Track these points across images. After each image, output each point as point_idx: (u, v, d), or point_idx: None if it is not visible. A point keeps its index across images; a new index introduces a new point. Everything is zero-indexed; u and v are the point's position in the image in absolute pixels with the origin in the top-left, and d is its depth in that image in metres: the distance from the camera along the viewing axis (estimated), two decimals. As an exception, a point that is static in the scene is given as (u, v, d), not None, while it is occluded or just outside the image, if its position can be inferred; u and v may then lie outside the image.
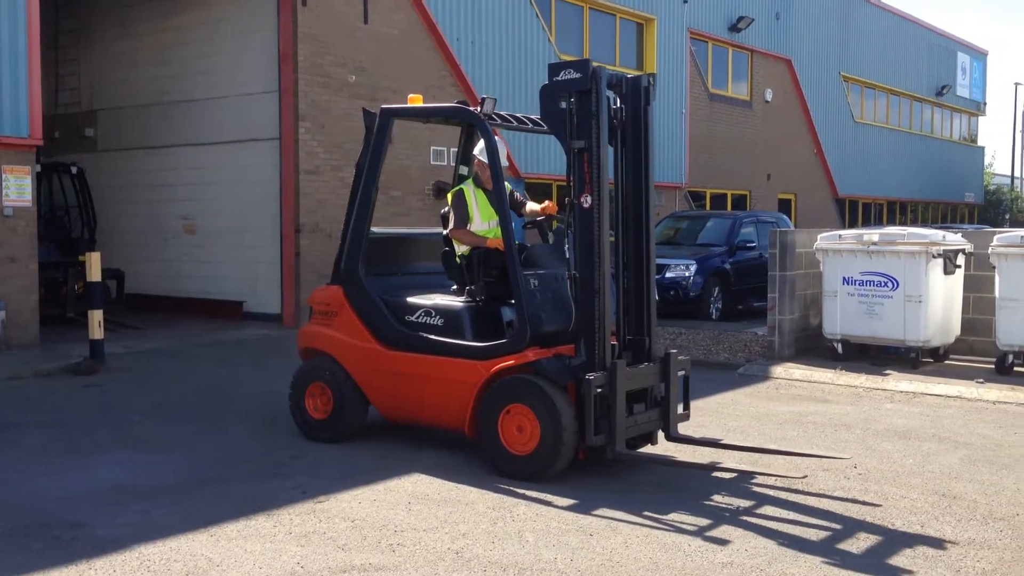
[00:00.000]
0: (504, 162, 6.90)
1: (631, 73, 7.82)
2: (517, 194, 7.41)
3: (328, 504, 5.69)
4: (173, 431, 7.63)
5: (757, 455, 6.71)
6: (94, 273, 10.56)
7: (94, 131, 16.93)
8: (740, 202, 24.90)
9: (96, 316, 10.41)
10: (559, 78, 6.22)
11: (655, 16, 21.14)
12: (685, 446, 6.72)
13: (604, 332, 6.16)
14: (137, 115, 16.18)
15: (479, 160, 7.05)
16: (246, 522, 5.34)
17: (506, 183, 6.99)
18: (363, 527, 5.29)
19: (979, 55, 39.44)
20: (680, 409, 6.66)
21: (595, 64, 6.22)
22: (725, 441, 6.94)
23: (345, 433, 7.15)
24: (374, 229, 7.36)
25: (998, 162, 53.50)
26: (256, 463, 6.64)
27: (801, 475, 6.16)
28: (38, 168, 11.94)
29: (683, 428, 6.74)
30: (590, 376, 5.98)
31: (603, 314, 6.14)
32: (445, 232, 7.19)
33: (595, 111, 6.13)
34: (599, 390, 5.99)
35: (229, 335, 13.26)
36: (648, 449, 6.67)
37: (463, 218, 6.99)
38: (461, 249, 7.00)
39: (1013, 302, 9.86)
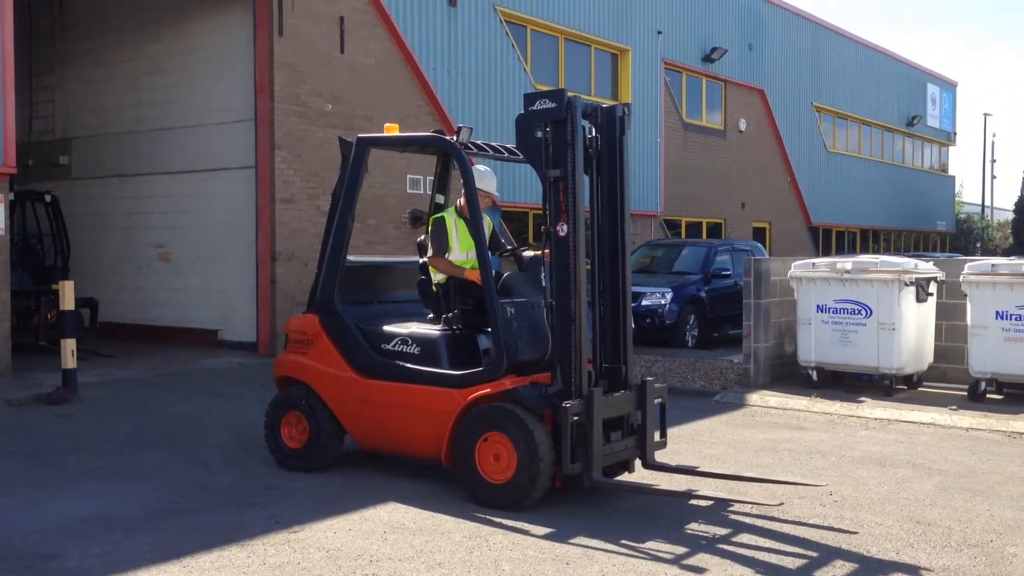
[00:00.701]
0: (494, 191, 6.95)
1: (606, 103, 7.89)
2: (501, 239, 7.44)
3: (303, 534, 5.64)
4: (146, 461, 7.55)
5: (733, 483, 6.72)
6: (67, 302, 10.47)
7: (68, 159, 16.86)
8: (715, 230, 25.08)
9: (69, 345, 10.31)
10: (534, 108, 6.26)
11: (630, 47, 21.36)
12: (662, 474, 6.72)
13: (580, 360, 6.18)
14: (112, 143, 16.13)
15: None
16: (219, 553, 5.29)
17: (492, 222, 7.03)
18: (338, 557, 5.25)
19: (949, 86, 40.07)
20: (657, 437, 6.66)
21: (570, 94, 6.27)
22: (701, 469, 6.94)
23: (321, 462, 7.11)
24: (350, 257, 7.36)
25: (966, 191, 54.09)
26: (230, 493, 6.58)
27: (777, 503, 6.18)
28: (11, 196, 11.85)
29: (660, 456, 6.74)
30: (567, 404, 5.98)
31: (579, 342, 6.16)
32: (422, 260, 7.20)
33: (570, 140, 6.17)
34: (576, 418, 5.99)
35: (204, 364, 13.16)
36: (625, 477, 6.67)
37: (442, 247, 7.00)
38: (437, 277, 7.01)
39: (984, 329, 9.97)
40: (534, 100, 6.28)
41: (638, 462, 6.63)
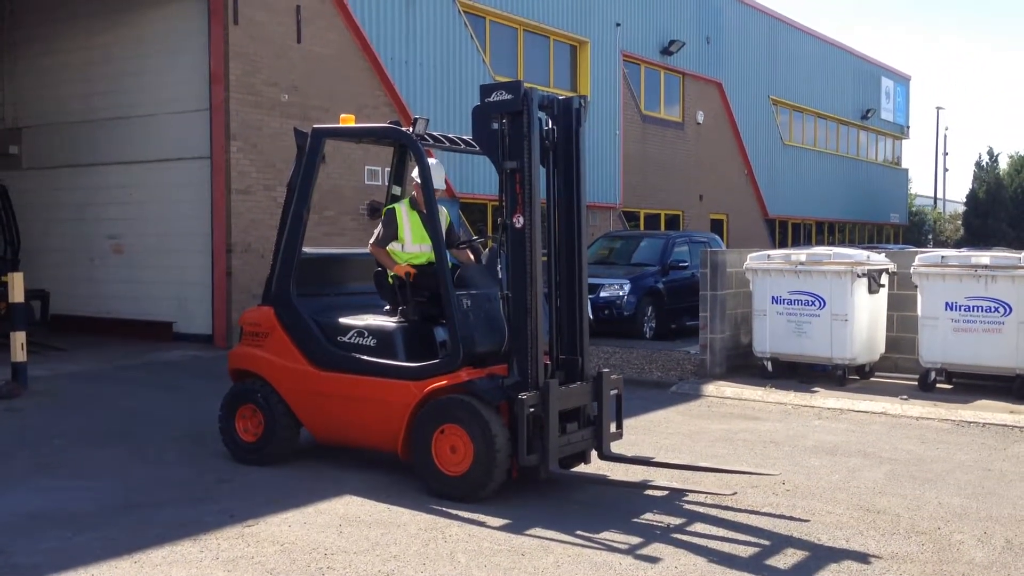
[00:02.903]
0: (441, 185, 6.91)
1: (565, 95, 7.87)
2: (461, 232, 7.42)
3: (257, 528, 5.60)
4: (97, 456, 7.45)
5: (688, 472, 6.77)
6: (17, 294, 10.28)
7: (18, 149, 16.52)
8: (673, 222, 25.24)
9: (18, 338, 10.13)
10: (491, 99, 6.25)
11: (588, 39, 21.39)
12: (618, 465, 6.76)
13: (537, 352, 6.19)
14: (63, 132, 15.85)
15: (416, 183, 7.04)
16: (171, 548, 5.23)
17: (449, 217, 7.00)
18: (292, 551, 5.22)
19: (902, 80, 40.63)
20: (613, 428, 6.70)
21: (527, 85, 6.27)
22: (657, 459, 6.99)
23: (276, 456, 7.06)
24: (306, 249, 7.31)
25: (918, 184, 55.07)
26: (183, 487, 6.51)
27: (731, 492, 6.24)
28: (-41, 186, 11.63)
29: (617, 445, 6.78)
30: (523, 396, 5.99)
31: (536, 333, 6.17)
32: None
33: (527, 132, 6.17)
34: (532, 410, 6.01)
35: (158, 356, 13.01)
36: (581, 468, 6.69)
37: (387, 236, 6.98)
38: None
39: (934, 320, 10.14)
40: (490, 92, 6.28)
41: (595, 453, 6.66)
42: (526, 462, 6.05)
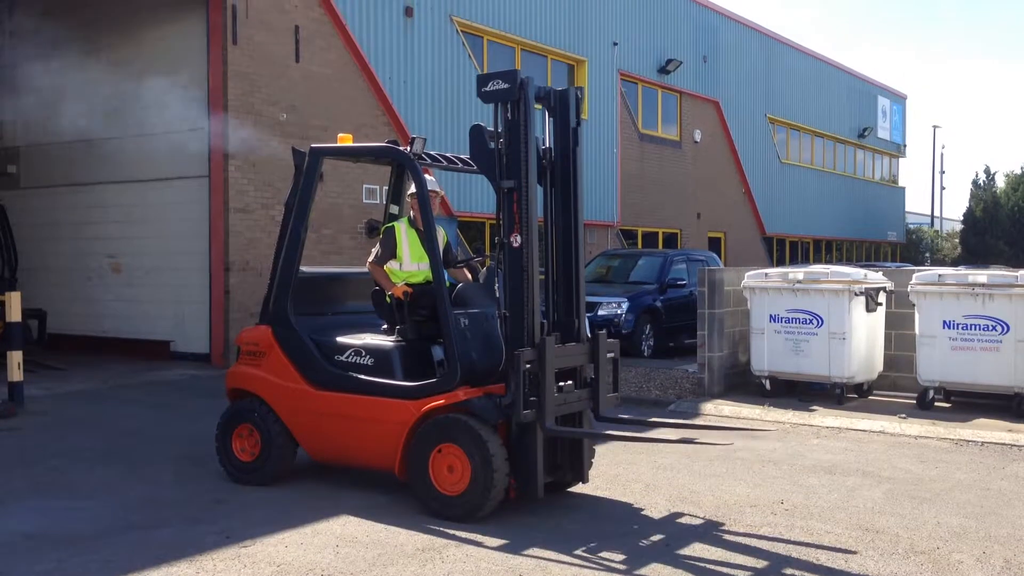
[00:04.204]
0: (435, 210, 6.92)
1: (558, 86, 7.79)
2: (459, 251, 7.43)
3: (254, 548, 5.57)
4: (94, 475, 7.43)
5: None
6: (14, 313, 10.28)
7: (16, 168, 16.57)
8: (671, 240, 25.27)
9: (15, 357, 10.12)
10: (487, 88, 6.24)
11: (586, 58, 21.48)
12: (615, 484, 6.73)
13: (533, 309, 6.16)
14: (62, 152, 15.89)
15: (413, 198, 7.04)
16: (168, 569, 5.21)
17: (447, 236, 7.01)
18: (289, 572, 5.19)
19: (899, 99, 40.79)
20: (610, 391, 6.67)
21: (523, 76, 6.24)
22: (654, 419, 7.09)
23: (273, 476, 7.04)
24: (304, 268, 7.31)
25: (915, 202, 55.25)
26: (180, 508, 6.48)
27: (728, 442, 6.54)
28: (-43, 206, 11.64)
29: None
30: (519, 351, 5.99)
31: (532, 292, 6.13)
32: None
33: (523, 122, 6.16)
34: (529, 366, 6.00)
35: (155, 376, 12.99)
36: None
37: (386, 255, 7.00)
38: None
39: (932, 339, 10.14)
40: (487, 81, 6.25)
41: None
42: (523, 418, 6.03)
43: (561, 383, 6.29)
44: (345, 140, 7.26)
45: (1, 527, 6.00)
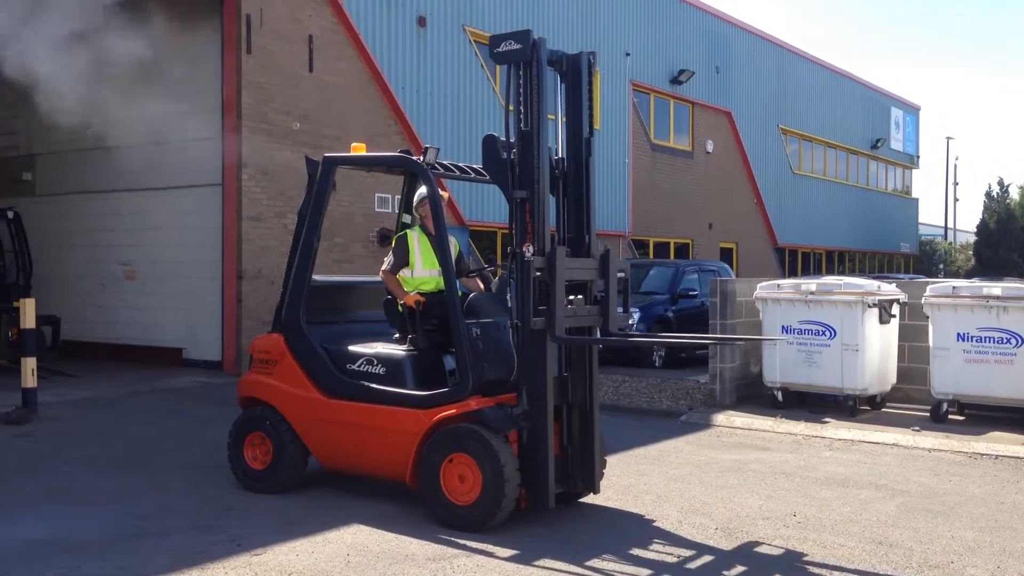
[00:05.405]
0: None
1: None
2: (471, 260, 7.42)
3: (264, 557, 5.57)
4: (105, 482, 7.44)
5: (698, 503, 6.72)
6: (28, 320, 10.32)
7: (32, 175, 16.66)
8: (683, 251, 25.24)
9: (29, 364, 10.16)
10: (500, 49, 6.22)
11: (598, 68, 21.44)
12: (628, 490, 6.70)
13: (544, 228, 6.14)
14: (76, 159, 15.97)
15: (424, 208, 7.05)
16: (179, 576, 5.21)
17: (458, 246, 7.01)
18: (300, 581, 5.19)
19: (912, 110, 40.69)
20: (620, 309, 6.62)
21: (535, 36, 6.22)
22: (663, 338, 7.00)
23: (285, 484, 7.04)
24: (316, 277, 7.32)
25: (928, 213, 55.10)
26: (191, 515, 6.49)
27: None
28: (-28, 213, 11.71)
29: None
30: (529, 258, 5.98)
31: (543, 212, 6.09)
32: (387, 279, 7.16)
33: (536, 85, 6.14)
34: (539, 274, 5.99)
35: (167, 383, 13.02)
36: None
37: (399, 263, 7.00)
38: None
39: (946, 351, 10.09)
40: (499, 42, 6.24)
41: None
42: (533, 325, 6.01)
43: (571, 297, 6.27)
44: (358, 149, 7.28)
45: (13, 533, 6.02)
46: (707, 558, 5.71)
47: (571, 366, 6.51)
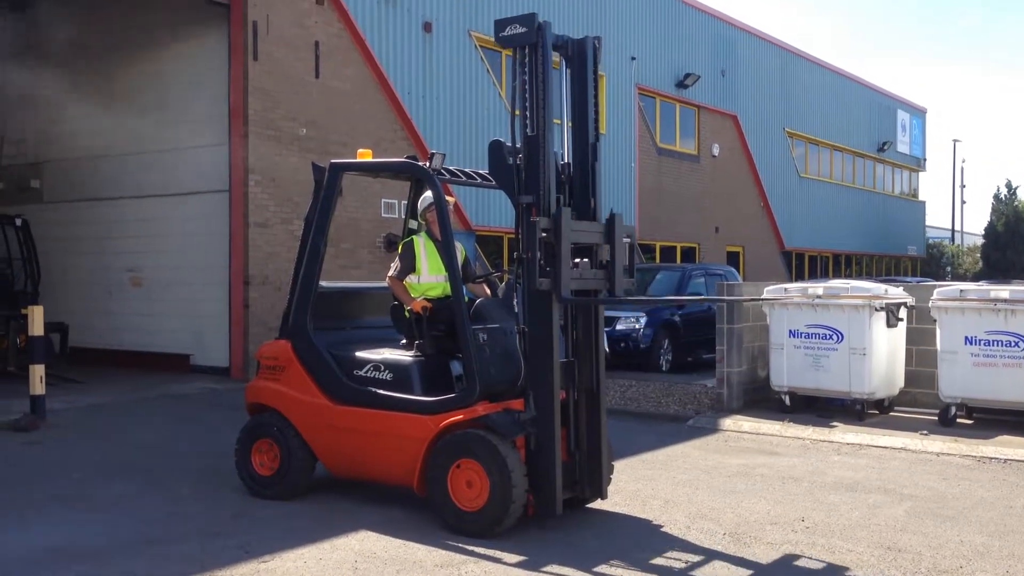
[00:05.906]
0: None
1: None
2: (478, 265, 7.42)
3: (272, 564, 5.57)
4: (114, 489, 7.45)
5: (706, 508, 6.70)
6: (36, 327, 10.34)
7: (40, 182, 16.72)
8: (689, 254, 25.21)
9: (37, 371, 10.18)
10: (505, 33, 6.23)
11: (604, 72, 21.46)
12: (636, 497, 6.68)
13: (548, 179, 6.12)
14: (84, 167, 16.03)
15: (431, 214, 7.05)
16: (187, 583, 5.22)
17: (465, 251, 7.00)
18: (308, 587, 5.19)
19: (918, 112, 40.62)
20: (625, 274, 6.59)
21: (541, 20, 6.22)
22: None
23: (292, 490, 7.04)
24: (323, 283, 7.33)
25: (934, 216, 54.98)
26: (199, 522, 6.50)
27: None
28: (-19, 220, 11.74)
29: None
30: (535, 218, 5.96)
31: (548, 166, 6.06)
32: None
33: (541, 69, 6.15)
34: (544, 235, 5.98)
35: (175, 389, 13.04)
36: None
37: (405, 269, 7.00)
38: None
39: (954, 355, 10.06)
40: (504, 26, 6.25)
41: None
42: (539, 285, 6.00)
43: (577, 260, 6.26)
44: (365, 155, 7.29)
45: (22, 540, 6.04)
46: (715, 564, 5.70)
47: (577, 351, 6.49)
